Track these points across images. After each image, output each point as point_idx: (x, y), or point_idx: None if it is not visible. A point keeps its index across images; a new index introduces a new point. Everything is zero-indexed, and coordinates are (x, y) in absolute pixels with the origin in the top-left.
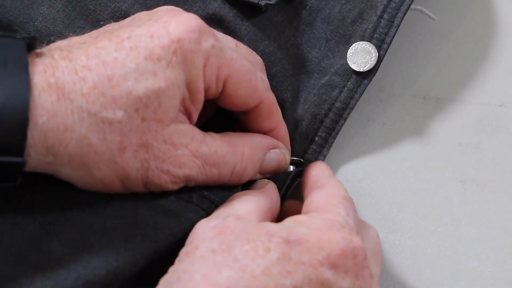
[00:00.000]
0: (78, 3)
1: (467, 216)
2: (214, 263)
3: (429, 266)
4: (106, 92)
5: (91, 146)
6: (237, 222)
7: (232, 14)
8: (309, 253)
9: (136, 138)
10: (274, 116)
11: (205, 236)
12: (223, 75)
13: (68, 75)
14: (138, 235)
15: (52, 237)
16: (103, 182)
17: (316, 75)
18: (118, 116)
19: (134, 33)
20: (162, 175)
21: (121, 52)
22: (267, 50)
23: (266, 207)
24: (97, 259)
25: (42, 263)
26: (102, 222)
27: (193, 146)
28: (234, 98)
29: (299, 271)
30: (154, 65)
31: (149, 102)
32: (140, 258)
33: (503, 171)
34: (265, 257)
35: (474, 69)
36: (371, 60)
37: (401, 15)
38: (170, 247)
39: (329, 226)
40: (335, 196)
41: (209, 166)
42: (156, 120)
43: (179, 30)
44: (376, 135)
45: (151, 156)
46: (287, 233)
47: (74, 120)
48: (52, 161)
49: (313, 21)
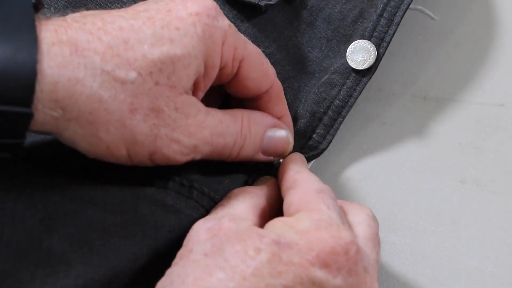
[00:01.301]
0: (78, 4)
1: (467, 216)
2: (206, 266)
3: (429, 266)
4: (121, 54)
5: (102, 103)
6: (230, 224)
7: (232, 15)
8: (299, 254)
9: (147, 102)
10: (283, 102)
11: (199, 238)
12: (239, 55)
13: (83, 34)
14: (139, 233)
15: (53, 233)
16: (108, 146)
17: (317, 75)
18: (131, 77)
19: (151, 7)
20: (171, 144)
21: (138, 21)
22: (267, 52)
23: (264, 204)
24: (98, 257)
25: (42, 260)
26: (102, 218)
27: (200, 117)
28: (247, 81)
29: (289, 271)
30: (171, 33)
31: (164, 67)
32: (140, 256)
33: (503, 171)
34: (256, 258)
35: (474, 69)
36: (370, 58)
37: (400, 13)
38: (170, 245)
39: (316, 226)
40: (310, 193)
41: (215, 135)
42: (169, 86)
43: (196, 6)
44: (375, 135)
45: (162, 122)
46: (277, 236)
47: (86, 75)
48: (60, 116)
49: (314, 21)
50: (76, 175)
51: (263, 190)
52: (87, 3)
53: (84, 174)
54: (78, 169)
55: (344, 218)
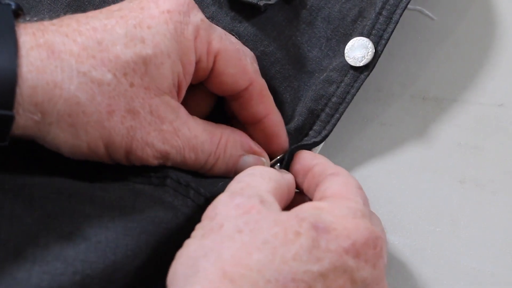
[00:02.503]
0: (78, 7)
1: (467, 216)
2: (242, 244)
3: (429, 266)
4: (96, 55)
5: (80, 106)
6: (261, 205)
7: (231, 16)
8: (336, 241)
9: (124, 103)
10: (266, 100)
11: (229, 213)
12: (213, 49)
13: (58, 37)
14: (137, 229)
15: (50, 230)
16: (89, 145)
17: (317, 75)
18: (107, 78)
19: (125, 6)
20: (145, 147)
21: (111, 20)
22: (267, 51)
23: (284, 188)
24: (95, 253)
25: (39, 257)
26: (100, 214)
27: (177, 124)
28: (224, 77)
29: (326, 258)
30: (143, 32)
31: (137, 68)
32: (138, 252)
33: (502, 171)
34: (296, 242)
35: (474, 69)
36: (367, 55)
37: (399, 11)
38: (167, 242)
39: (353, 213)
40: (351, 185)
41: (188, 149)
42: (143, 87)
43: (168, 3)
44: (375, 135)
45: (138, 124)
46: (315, 219)
47: (64, 78)
48: (40, 120)
49: (314, 20)
50: (74, 173)
51: (285, 176)
52: (87, 7)
53: (82, 172)
54: (76, 168)
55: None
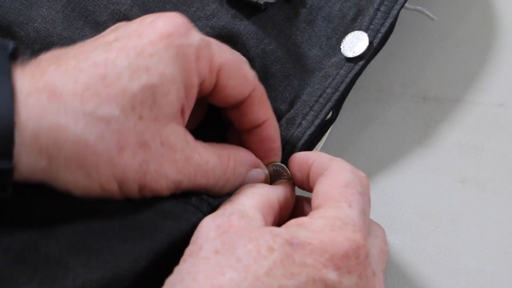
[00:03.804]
0: (77, 4)
1: (467, 216)
2: (217, 264)
3: (429, 266)
4: (101, 92)
5: (89, 146)
6: (240, 221)
7: (231, 13)
8: (313, 255)
9: (134, 137)
10: (266, 105)
11: (209, 235)
12: (215, 65)
13: (58, 77)
14: (137, 236)
15: (51, 239)
16: (102, 185)
17: (317, 73)
18: (115, 115)
19: (122, 34)
20: (160, 178)
21: (111, 53)
22: (267, 49)
23: (274, 202)
24: (96, 259)
25: (40, 264)
26: (101, 224)
27: (188, 152)
28: (228, 89)
29: (302, 272)
30: (146, 61)
31: (145, 99)
32: (139, 258)
33: (503, 171)
34: (268, 257)
35: (474, 69)
36: (362, 46)
37: (397, 7)
38: (169, 248)
39: (331, 226)
40: (336, 186)
41: (200, 175)
42: (152, 119)
43: (167, 27)
44: (375, 135)
45: (150, 157)
46: (290, 235)
47: (68, 120)
48: (47, 167)
49: (314, 19)
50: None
51: (275, 189)
52: (86, 4)
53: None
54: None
55: (367, 216)
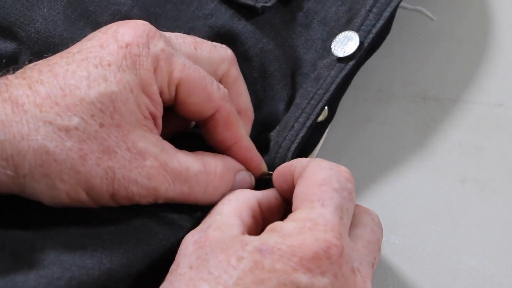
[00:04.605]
0: (78, 5)
1: (467, 215)
2: (190, 279)
3: (429, 266)
4: (59, 101)
5: (50, 154)
6: (215, 233)
7: (230, 13)
8: (282, 260)
9: (97, 145)
10: (233, 127)
11: (187, 251)
12: (174, 80)
13: (21, 89)
14: (132, 239)
15: (47, 239)
16: (69, 194)
17: (310, 75)
18: (74, 123)
19: (84, 46)
20: (129, 185)
21: (72, 65)
22: (266, 48)
23: (254, 204)
24: (91, 260)
25: (36, 261)
26: (96, 227)
27: (163, 158)
28: (187, 105)
29: (273, 278)
30: (104, 71)
31: (104, 107)
32: (134, 260)
33: (503, 171)
34: (238, 267)
35: (474, 69)
36: (352, 46)
37: (390, 9)
38: (164, 253)
39: (300, 228)
40: (311, 186)
41: (179, 182)
42: (115, 126)
43: (127, 36)
44: (375, 135)
45: (116, 164)
46: (259, 242)
47: (30, 129)
48: (14, 175)
49: (310, 23)
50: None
51: (254, 192)
52: (87, 4)
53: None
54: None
55: (346, 211)
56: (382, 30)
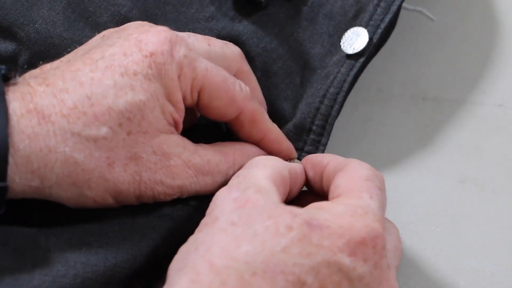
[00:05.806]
0: (78, 5)
1: (467, 216)
2: (234, 236)
3: (429, 266)
4: (87, 111)
5: (78, 165)
6: (257, 196)
7: (230, 16)
8: (330, 238)
9: (124, 152)
10: (259, 125)
11: (225, 208)
12: (197, 86)
13: (47, 99)
14: (137, 235)
15: (51, 236)
16: (95, 199)
17: (319, 71)
18: (102, 133)
19: (107, 53)
20: (155, 186)
21: (96, 73)
22: (268, 47)
23: (284, 173)
24: (96, 256)
25: (40, 258)
26: (100, 225)
27: (186, 156)
28: (210, 109)
29: (318, 254)
30: (131, 80)
31: (132, 116)
32: (138, 256)
33: (502, 171)
34: (286, 235)
35: (473, 69)
36: (362, 42)
37: (397, 2)
38: (169, 247)
39: (351, 212)
40: (357, 179)
41: (202, 175)
42: (142, 132)
43: (150, 45)
44: (375, 135)
45: (142, 168)
46: (309, 216)
47: (57, 141)
48: (40, 185)
49: (315, 17)
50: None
51: (284, 162)
52: (86, 5)
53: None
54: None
55: (384, 211)
56: (390, 25)
